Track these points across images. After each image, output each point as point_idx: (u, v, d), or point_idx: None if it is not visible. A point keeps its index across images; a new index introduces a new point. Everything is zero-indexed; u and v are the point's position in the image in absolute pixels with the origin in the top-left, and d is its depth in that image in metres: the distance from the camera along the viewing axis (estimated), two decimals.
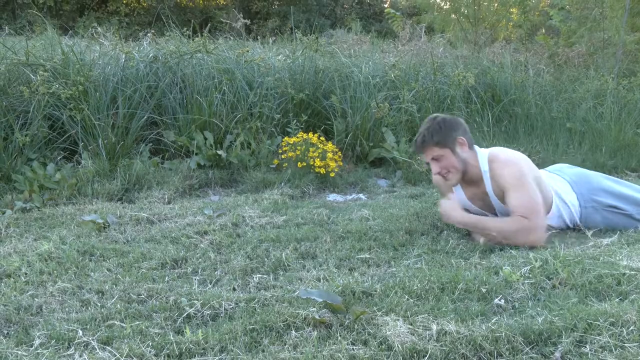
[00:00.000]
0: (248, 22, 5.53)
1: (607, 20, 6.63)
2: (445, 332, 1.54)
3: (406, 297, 1.79)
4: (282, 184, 3.59)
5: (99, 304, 1.80)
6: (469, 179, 2.52)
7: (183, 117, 4.05)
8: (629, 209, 2.60)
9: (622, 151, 4.71)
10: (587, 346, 1.48)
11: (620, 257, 2.07)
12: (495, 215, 2.57)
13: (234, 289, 1.94)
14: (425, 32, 7.24)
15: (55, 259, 2.23)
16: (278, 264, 2.20)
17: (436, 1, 8.87)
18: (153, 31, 5.32)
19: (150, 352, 1.47)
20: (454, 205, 2.51)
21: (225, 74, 4.33)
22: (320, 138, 3.91)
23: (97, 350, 1.49)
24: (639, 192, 2.68)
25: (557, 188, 2.59)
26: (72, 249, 2.33)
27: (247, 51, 4.73)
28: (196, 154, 3.84)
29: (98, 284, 1.97)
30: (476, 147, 2.54)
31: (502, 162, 2.44)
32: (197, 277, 2.04)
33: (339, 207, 3.20)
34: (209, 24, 5.48)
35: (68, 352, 1.49)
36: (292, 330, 1.58)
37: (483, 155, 2.49)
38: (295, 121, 4.19)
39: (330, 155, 3.78)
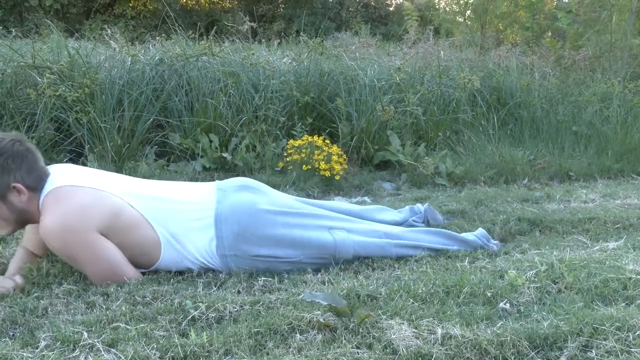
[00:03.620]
0: (254, 25, 5.54)
1: (614, 23, 6.62)
2: (450, 336, 1.53)
3: (411, 300, 1.78)
4: (287, 186, 3.59)
5: (104, 306, 1.81)
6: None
7: (188, 119, 4.06)
8: (293, 254, 2.11)
9: (629, 155, 4.69)
10: (593, 351, 1.47)
11: (627, 262, 2.07)
12: None
13: (239, 292, 1.94)
14: (432, 34, 7.24)
15: (61, 260, 2.24)
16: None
17: (441, 3, 8.88)
18: (162, 35, 5.34)
19: (155, 354, 1.47)
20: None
21: (230, 77, 4.34)
22: (326, 141, 3.91)
23: (102, 353, 1.49)
24: (321, 228, 2.19)
25: (178, 230, 2.04)
26: None
27: (253, 54, 4.74)
28: (201, 157, 3.85)
29: (103, 286, 1.97)
30: (50, 181, 1.97)
31: (47, 229, 1.85)
32: (201, 280, 2.05)
33: None
34: (215, 27, 5.49)
35: (73, 354, 1.49)
36: (296, 333, 1.58)
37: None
38: (300, 124, 4.19)
39: (335, 158, 3.78)
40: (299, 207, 2.29)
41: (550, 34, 8.31)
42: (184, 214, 2.08)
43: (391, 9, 19.32)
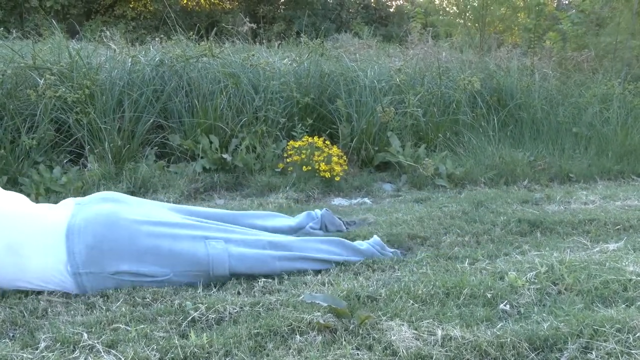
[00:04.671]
0: (254, 26, 5.54)
1: (615, 24, 6.62)
2: (450, 337, 1.53)
3: (411, 301, 1.78)
4: (287, 187, 3.60)
5: (104, 307, 1.81)
6: None
7: (189, 120, 4.06)
8: (160, 272, 1.89)
9: (629, 156, 4.69)
10: (593, 352, 1.47)
11: (627, 263, 2.07)
12: None
13: (239, 293, 1.94)
14: (432, 36, 7.25)
15: None
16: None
17: (442, 5, 8.89)
18: (162, 36, 5.35)
19: (155, 355, 1.47)
20: None
21: (231, 78, 4.34)
22: (326, 142, 3.91)
23: (102, 354, 1.49)
24: (195, 239, 1.98)
25: (18, 239, 1.79)
26: None
27: (253, 55, 4.74)
28: (202, 158, 3.85)
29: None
30: None
31: None
32: (201, 281, 2.04)
33: (343, 211, 3.20)
34: (215, 28, 5.50)
35: (73, 355, 1.49)
36: (296, 334, 1.58)
37: None
38: (300, 125, 4.19)
39: (335, 159, 3.78)
40: (172, 218, 2.06)
41: (549, 34, 8.32)
42: (31, 225, 1.83)
43: (392, 10, 19.33)
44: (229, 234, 2.09)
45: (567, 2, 10.19)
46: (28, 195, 3.19)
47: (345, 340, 1.54)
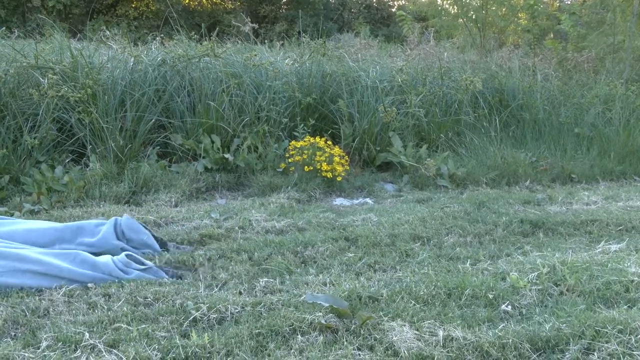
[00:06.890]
0: (256, 26, 5.54)
1: (616, 25, 6.61)
2: (452, 338, 1.53)
3: (412, 302, 1.78)
4: (289, 187, 3.59)
5: (105, 307, 1.81)
6: None
7: (191, 120, 4.06)
8: None
9: (631, 157, 4.69)
10: (595, 354, 1.47)
11: (629, 264, 2.06)
12: None
13: (240, 293, 1.94)
14: (433, 36, 7.25)
15: None
16: (284, 268, 2.20)
17: (443, 5, 8.87)
18: (162, 35, 5.35)
19: (156, 355, 1.47)
20: None
21: (233, 78, 4.34)
22: (327, 142, 3.91)
23: (104, 353, 1.49)
24: None
25: None
26: None
27: (255, 55, 4.74)
28: (203, 158, 3.85)
29: (105, 287, 1.97)
30: None
31: None
32: (203, 281, 2.05)
33: (345, 212, 3.20)
34: (217, 28, 5.50)
35: (75, 355, 1.50)
36: (298, 334, 1.58)
37: None
38: (302, 125, 4.19)
39: (337, 159, 3.78)
40: None
41: (552, 35, 8.30)
42: None
43: (394, 10, 19.32)
44: None
45: (569, 2, 10.17)
46: (30, 194, 3.20)
47: (346, 340, 1.54)
